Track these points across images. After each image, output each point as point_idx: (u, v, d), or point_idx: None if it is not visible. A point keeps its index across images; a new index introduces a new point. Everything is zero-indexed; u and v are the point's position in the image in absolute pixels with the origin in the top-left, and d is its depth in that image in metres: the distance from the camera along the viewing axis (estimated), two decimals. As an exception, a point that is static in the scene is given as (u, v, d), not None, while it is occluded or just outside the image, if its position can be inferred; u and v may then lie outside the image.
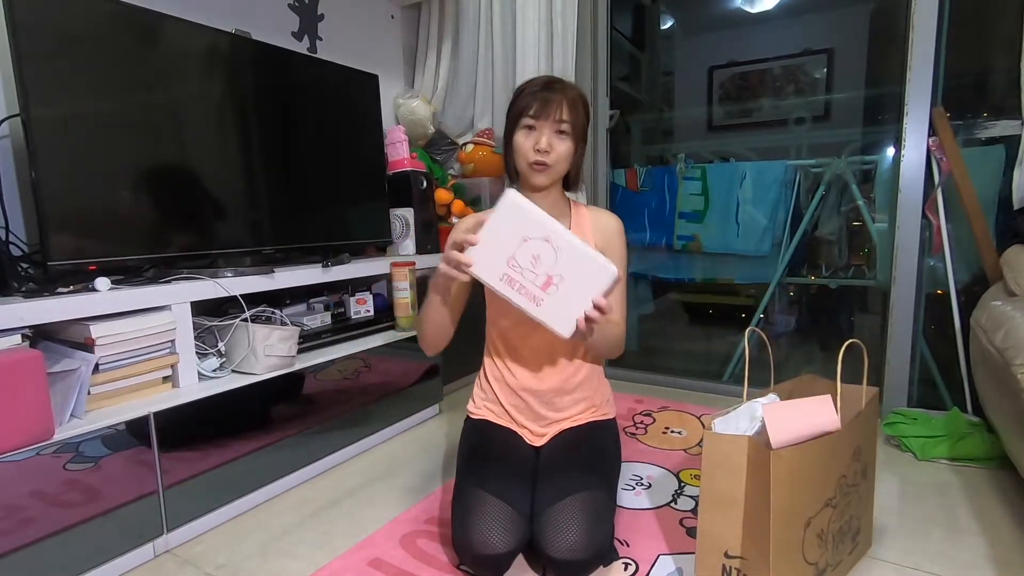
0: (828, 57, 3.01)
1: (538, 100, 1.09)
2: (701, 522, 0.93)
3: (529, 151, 1.11)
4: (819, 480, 0.91)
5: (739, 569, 0.90)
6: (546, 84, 1.12)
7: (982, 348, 1.30)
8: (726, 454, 0.90)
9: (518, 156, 1.13)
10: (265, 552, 1.17)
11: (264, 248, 1.56)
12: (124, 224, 1.27)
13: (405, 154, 2.03)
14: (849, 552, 1.04)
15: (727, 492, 0.90)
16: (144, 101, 1.29)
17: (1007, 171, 1.60)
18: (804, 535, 0.89)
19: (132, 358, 1.18)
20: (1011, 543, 1.13)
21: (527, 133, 1.12)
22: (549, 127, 1.10)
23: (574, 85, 1.17)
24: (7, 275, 1.14)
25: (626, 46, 3.07)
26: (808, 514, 0.89)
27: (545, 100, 1.09)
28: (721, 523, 0.91)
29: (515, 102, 1.14)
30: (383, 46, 2.33)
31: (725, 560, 0.91)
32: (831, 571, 0.98)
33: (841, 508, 0.97)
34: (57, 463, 1.00)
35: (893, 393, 1.78)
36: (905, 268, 1.74)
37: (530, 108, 1.10)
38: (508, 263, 0.94)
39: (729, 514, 0.90)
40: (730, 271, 2.38)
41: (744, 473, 0.88)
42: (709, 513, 0.92)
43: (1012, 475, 1.37)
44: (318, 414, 1.48)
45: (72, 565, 1.02)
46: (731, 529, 0.90)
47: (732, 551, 0.90)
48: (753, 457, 0.87)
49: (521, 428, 1.23)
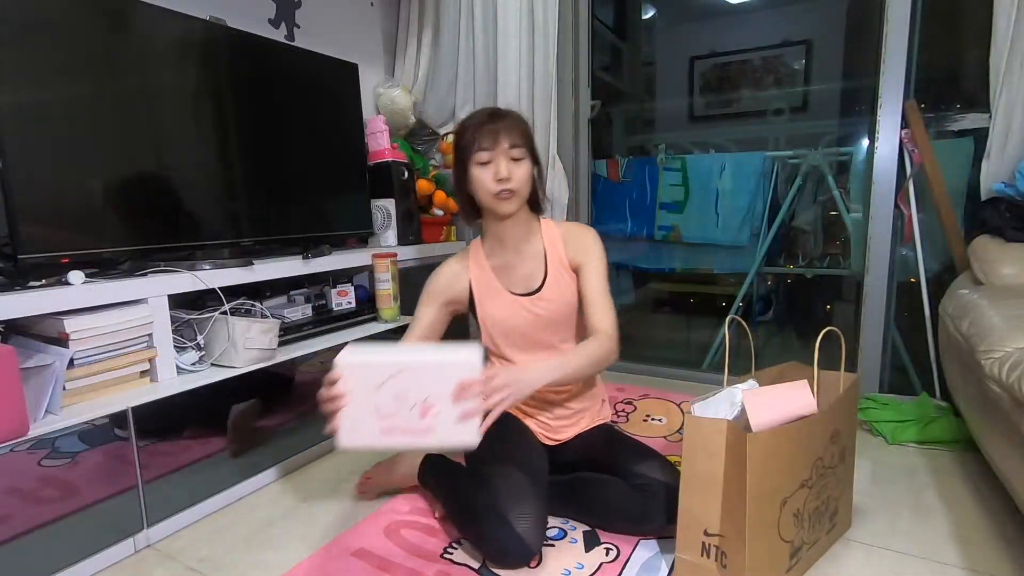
0: (806, 49, 3.04)
1: (486, 133, 1.10)
2: (682, 501, 0.96)
3: (490, 183, 1.12)
4: (795, 462, 0.94)
5: (717, 546, 0.93)
6: (489, 116, 1.13)
7: (949, 335, 1.34)
8: (706, 437, 0.92)
9: (479, 191, 1.14)
10: (248, 545, 1.17)
11: (243, 240, 1.54)
12: (97, 216, 1.24)
13: (386, 144, 2.02)
14: (827, 532, 1.08)
15: (706, 473, 0.93)
16: (116, 89, 1.26)
17: (976, 163, 1.65)
18: (780, 514, 0.93)
19: (108, 353, 1.16)
20: (974, 522, 1.17)
21: (482, 168, 1.12)
22: (503, 155, 1.11)
23: (512, 111, 1.18)
24: (-24, 269, 1.12)
25: (608, 35, 3.08)
26: (784, 494, 0.93)
27: (493, 131, 1.10)
28: (700, 502, 0.94)
29: (461, 139, 1.14)
30: (363, 34, 2.29)
31: (704, 538, 0.94)
32: (807, 549, 1.02)
33: (818, 489, 1.01)
34: (32, 460, 0.99)
35: (865, 379, 1.83)
36: (878, 257, 1.79)
37: (481, 142, 1.10)
38: (376, 417, 0.89)
39: (708, 494, 0.93)
40: (709, 261, 2.41)
41: (723, 455, 0.91)
42: (689, 493, 0.95)
43: (977, 457, 1.43)
44: (300, 407, 1.48)
45: (51, 561, 1.01)
46: (710, 508, 0.93)
47: (711, 529, 0.94)
48: (732, 440, 0.90)
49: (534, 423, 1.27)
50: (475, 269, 1.24)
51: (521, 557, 1.02)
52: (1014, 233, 1.47)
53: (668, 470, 1.11)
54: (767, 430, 0.90)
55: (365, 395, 0.88)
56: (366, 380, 0.88)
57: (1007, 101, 1.52)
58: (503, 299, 1.21)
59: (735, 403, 1.01)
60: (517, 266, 1.22)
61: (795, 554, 0.98)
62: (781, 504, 0.93)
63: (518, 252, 1.22)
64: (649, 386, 2.08)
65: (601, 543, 1.12)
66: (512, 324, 1.21)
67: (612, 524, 1.14)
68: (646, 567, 1.05)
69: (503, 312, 1.21)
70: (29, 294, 1.05)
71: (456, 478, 1.20)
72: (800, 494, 0.96)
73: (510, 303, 1.21)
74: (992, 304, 1.21)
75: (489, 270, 1.23)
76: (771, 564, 0.94)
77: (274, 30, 1.94)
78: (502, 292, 1.21)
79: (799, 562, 1.00)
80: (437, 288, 1.24)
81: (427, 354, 0.92)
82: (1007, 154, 1.55)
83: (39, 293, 1.06)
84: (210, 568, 1.10)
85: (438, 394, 0.88)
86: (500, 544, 1.02)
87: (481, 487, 1.08)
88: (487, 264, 1.23)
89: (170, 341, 1.27)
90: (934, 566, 1.04)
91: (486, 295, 1.22)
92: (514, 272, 1.22)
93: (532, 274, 1.21)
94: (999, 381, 0.98)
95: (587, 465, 1.21)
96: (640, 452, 1.17)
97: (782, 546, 0.95)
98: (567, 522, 1.19)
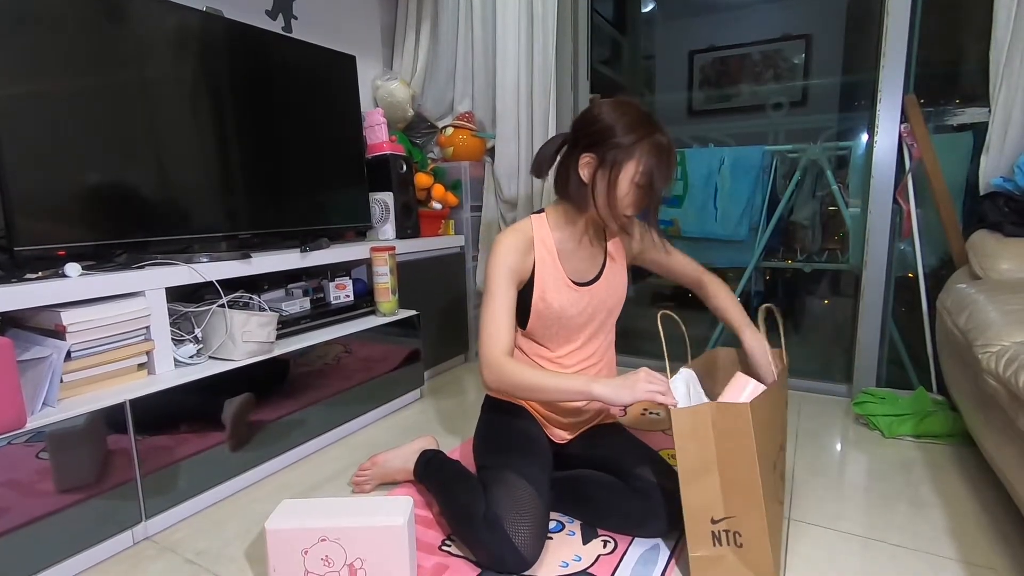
0: (806, 43, 3.03)
1: (670, 167, 1.04)
2: (684, 499, 0.96)
3: (628, 207, 1.08)
4: (775, 426, 1.00)
5: (727, 529, 0.94)
6: (671, 145, 1.06)
7: (947, 330, 1.35)
8: (694, 427, 0.94)
9: (611, 200, 1.06)
10: (245, 537, 1.17)
11: (240, 233, 1.53)
12: (94, 208, 1.23)
13: (384, 137, 2.01)
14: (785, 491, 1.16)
15: (701, 461, 0.94)
16: (111, 81, 1.25)
17: (975, 157, 1.65)
18: (773, 478, 0.97)
19: (106, 345, 1.16)
20: (970, 516, 1.18)
21: (633, 187, 1.05)
22: (658, 195, 1.06)
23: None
24: (-28, 261, 1.11)
25: (607, 29, 3.06)
26: (772, 458, 0.97)
27: (669, 169, 1.04)
28: (701, 493, 0.95)
29: (640, 140, 1.03)
30: (360, 26, 2.28)
31: (712, 526, 0.95)
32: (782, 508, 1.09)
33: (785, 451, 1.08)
34: (30, 452, 0.98)
35: (863, 373, 1.84)
36: (876, 252, 1.79)
37: (656, 170, 1.03)
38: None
39: (706, 482, 0.94)
40: (708, 255, 2.41)
41: (712, 438, 0.92)
42: (689, 487, 0.95)
43: (973, 451, 1.43)
44: (298, 400, 1.48)
45: (49, 553, 1.01)
46: (711, 495, 0.94)
47: (717, 515, 0.95)
48: (719, 421, 0.92)
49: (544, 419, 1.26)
50: (540, 249, 1.15)
51: (516, 568, 1.00)
52: (1013, 228, 1.47)
53: (669, 475, 1.09)
54: (759, 398, 0.93)
55: (293, 559, 0.94)
56: (294, 545, 0.94)
57: (1007, 96, 1.52)
58: (561, 284, 1.16)
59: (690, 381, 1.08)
60: (579, 255, 1.19)
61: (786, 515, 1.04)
62: (772, 467, 0.96)
63: (584, 244, 1.19)
64: (647, 380, 2.08)
65: (598, 536, 1.13)
66: (568, 314, 1.16)
67: (609, 524, 1.14)
68: (643, 560, 1.05)
69: (561, 299, 1.15)
70: (26, 286, 1.05)
71: (452, 478, 1.19)
72: (781, 456, 1.02)
73: (568, 290, 1.16)
74: (990, 299, 1.22)
75: (555, 252, 1.16)
76: (777, 527, 0.97)
77: (271, 21, 1.93)
78: (563, 277, 1.16)
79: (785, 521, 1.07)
80: (512, 263, 1.11)
81: (354, 514, 0.96)
82: (1006, 149, 1.55)
83: (36, 285, 1.06)
84: (208, 561, 1.10)
85: (363, 554, 0.94)
86: (496, 554, 1.00)
87: (482, 494, 1.07)
88: (554, 247, 1.16)
89: (168, 334, 1.27)
90: (930, 559, 1.05)
91: (548, 278, 1.15)
92: (574, 259, 1.18)
93: (590, 266, 1.20)
94: (996, 375, 0.98)
95: (589, 462, 1.21)
96: (643, 455, 1.16)
97: (778, 507, 0.99)
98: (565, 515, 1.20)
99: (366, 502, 1.02)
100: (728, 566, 0.95)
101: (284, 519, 0.95)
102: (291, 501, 1.00)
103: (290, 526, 0.94)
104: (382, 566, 0.95)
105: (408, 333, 1.84)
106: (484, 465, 1.16)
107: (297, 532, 0.94)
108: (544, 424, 1.25)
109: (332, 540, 0.94)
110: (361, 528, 0.94)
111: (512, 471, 1.07)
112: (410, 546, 0.96)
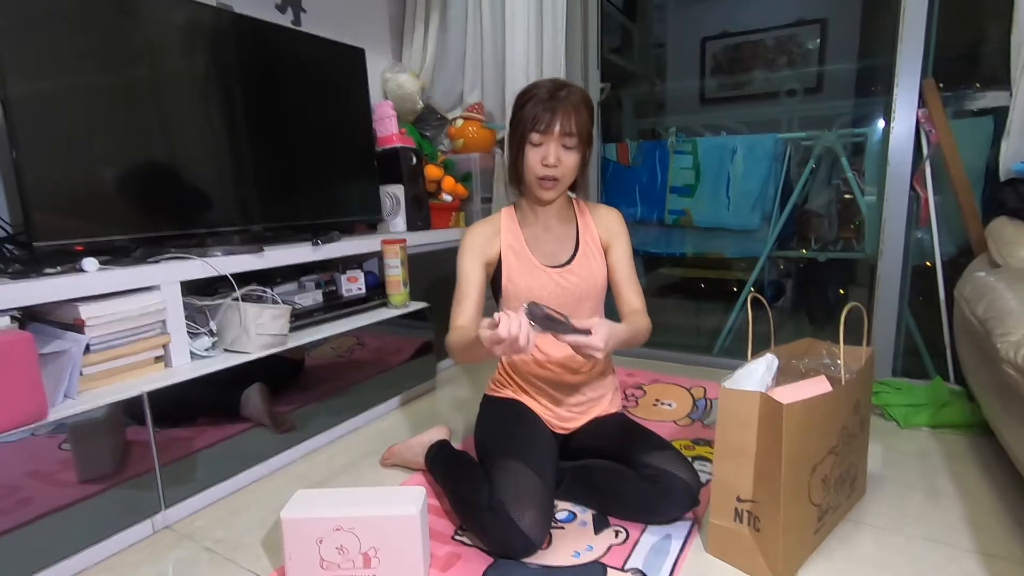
0: (821, 27, 2.97)
1: (543, 114, 1.08)
2: (716, 470, 1.00)
3: (538, 166, 1.11)
4: (824, 430, 0.98)
5: (750, 511, 0.97)
6: (551, 94, 1.09)
7: (965, 319, 1.32)
8: (739, 408, 0.96)
9: (526, 169, 1.14)
10: (262, 526, 1.19)
11: (253, 227, 1.55)
12: (110, 204, 1.25)
13: (394, 130, 2.01)
14: (847, 497, 1.13)
15: (739, 442, 0.96)
16: (125, 77, 1.27)
17: (995, 143, 1.61)
18: (810, 479, 0.96)
19: (123, 338, 1.18)
20: (987, 506, 1.17)
21: (534, 148, 1.11)
22: (556, 141, 1.09)
23: (578, 88, 1.14)
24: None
25: (617, 17, 3.03)
26: (814, 461, 0.96)
27: (551, 111, 1.08)
28: (734, 471, 0.98)
29: (520, 111, 1.12)
30: (369, 19, 2.27)
31: (737, 504, 0.98)
32: (832, 513, 1.07)
33: (842, 456, 1.05)
34: (52, 443, 1.01)
35: (878, 363, 1.81)
36: (892, 240, 1.76)
37: (537, 123, 1.08)
38: (321, 567, 0.96)
39: (741, 462, 0.97)
40: (721, 245, 2.39)
41: (755, 425, 0.94)
42: (723, 462, 0.99)
43: (991, 441, 1.41)
44: (312, 392, 1.50)
45: (72, 542, 1.04)
46: (743, 476, 0.97)
47: (744, 495, 0.98)
48: (764, 410, 0.93)
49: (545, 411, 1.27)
50: (507, 235, 1.22)
51: (524, 551, 1.01)
52: (1033, 215, 1.44)
53: (680, 462, 1.10)
54: (800, 401, 0.92)
55: (308, 548, 0.95)
56: (308, 534, 0.95)
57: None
58: (531, 268, 1.20)
59: (771, 368, 1.05)
60: (548, 239, 1.23)
61: (822, 517, 1.02)
62: (811, 470, 0.96)
63: (550, 228, 1.23)
64: (659, 371, 2.07)
65: (610, 525, 1.13)
66: (538, 296, 1.17)
67: (619, 512, 1.15)
68: (655, 550, 1.05)
69: (530, 281, 1.19)
70: (45, 281, 1.07)
71: (457, 469, 1.20)
72: (828, 461, 0.99)
73: (538, 273, 1.19)
74: (1009, 287, 1.19)
75: (521, 239, 1.21)
76: (801, 526, 0.97)
77: (281, 15, 1.93)
78: (531, 261, 1.20)
79: (824, 525, 1.05)
80: (476, 244, 1.19)
81: (369, 504, 0.97)
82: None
83: (55, 280, 1.08)
84: (227, 549, 1.12)
85: (378, 543, 0.95)
86: (503, 539, 1.01)
87: (486, 482, 1.08)
88: (520, 233, 1.22)
89: (183, 327, 1.29)
90: (947, 549, 1.04)
91: (514, 263, 1.20)
92: (545, 244, 1.22)
93: (561, 248, 1.22)
94: (1015, 365, 0.96)
95: (597, 452, 1.21)
96: (652, 442, 1.16)
97: (811, 509, 0.99)
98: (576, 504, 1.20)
99: (381, 492, 1.04)
100: (742, 542, 0.98)
101: (300, 508, 0.97)
102: (306, 491, 1.02)
103: (305, 515, 0.95)
104: (396, 555, 0.96)
105: (420, 325, 1.85)
106: (486, 455, 1.17)
107: (312, 521, 0.95)
108: (543, 414, 1.26)
109: (347, 529, 0.95)
110: (375, 518, 0.95)
111: (513, 458, 1.08)
112: (423, 535, 0.98)
